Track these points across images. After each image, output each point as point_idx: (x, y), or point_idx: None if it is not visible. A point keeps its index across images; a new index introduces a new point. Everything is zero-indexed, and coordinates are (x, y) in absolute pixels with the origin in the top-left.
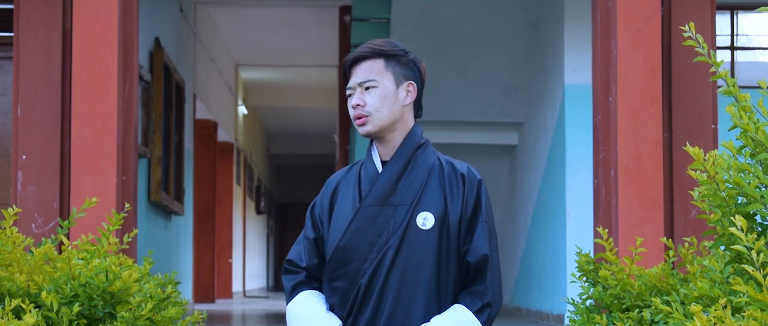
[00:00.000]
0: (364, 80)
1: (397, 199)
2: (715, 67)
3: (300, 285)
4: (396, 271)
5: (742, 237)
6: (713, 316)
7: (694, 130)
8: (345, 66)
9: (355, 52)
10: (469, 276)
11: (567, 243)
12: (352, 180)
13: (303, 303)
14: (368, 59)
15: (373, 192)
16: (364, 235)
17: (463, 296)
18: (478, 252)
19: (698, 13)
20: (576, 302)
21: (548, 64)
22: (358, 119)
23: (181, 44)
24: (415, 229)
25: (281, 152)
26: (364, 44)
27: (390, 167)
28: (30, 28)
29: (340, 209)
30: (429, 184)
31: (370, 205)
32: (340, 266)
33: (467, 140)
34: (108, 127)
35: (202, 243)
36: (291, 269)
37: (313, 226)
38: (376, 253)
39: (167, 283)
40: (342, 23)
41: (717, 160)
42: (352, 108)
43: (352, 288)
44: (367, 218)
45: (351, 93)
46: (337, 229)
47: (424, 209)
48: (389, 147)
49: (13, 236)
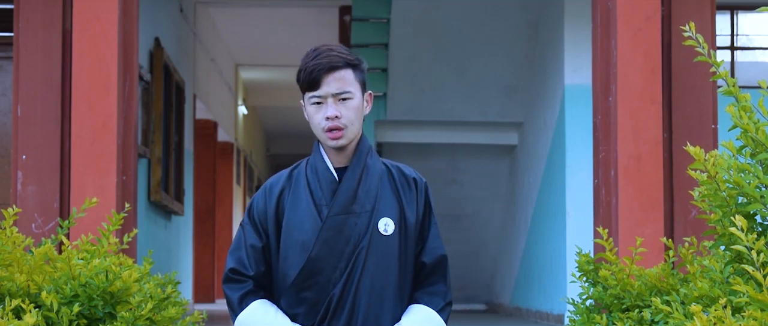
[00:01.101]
0: (340, 91)
1: (358, 207)
2: (715, 67)
3: (248, 295)
4: (365, 278)
5: (742, 237)
6: (713, 316)
7: (694, 130)
8: (313, 71)
9: (327, 61)
10: (424, 275)
11: (567, 243)
12: (301, 186)
13: (259, 313)
14: (340, 69)
15: (338, 201)
16: (333, 245)
17: (422, 295)
18: (435, 252)
19: (698, 13)
20: (576, 302)
21: (548, 64)
22: (334, 131)
23: (181, 44)
24: (377, 235)
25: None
26: (325, 51)
27: (350, 175)
28: (30, 28)
29: (293, 218)
30: (382, 190)
31: (336, 214)
32: (311, 276)
33: (467, 140)
34: (108, 127)
35: (202, 243)
36: (235, 278)
37: (257, 233)
38: (345, 262)
39: (167, 283)
40: (342, 23)
41: (717, 160)
42: (325, 119)
43: (323, 298)
44: (334, 227)
45: (319, 102)
46: (293, 238)
47: (384, 216)
48: (342, 154)
49: (13, 236)
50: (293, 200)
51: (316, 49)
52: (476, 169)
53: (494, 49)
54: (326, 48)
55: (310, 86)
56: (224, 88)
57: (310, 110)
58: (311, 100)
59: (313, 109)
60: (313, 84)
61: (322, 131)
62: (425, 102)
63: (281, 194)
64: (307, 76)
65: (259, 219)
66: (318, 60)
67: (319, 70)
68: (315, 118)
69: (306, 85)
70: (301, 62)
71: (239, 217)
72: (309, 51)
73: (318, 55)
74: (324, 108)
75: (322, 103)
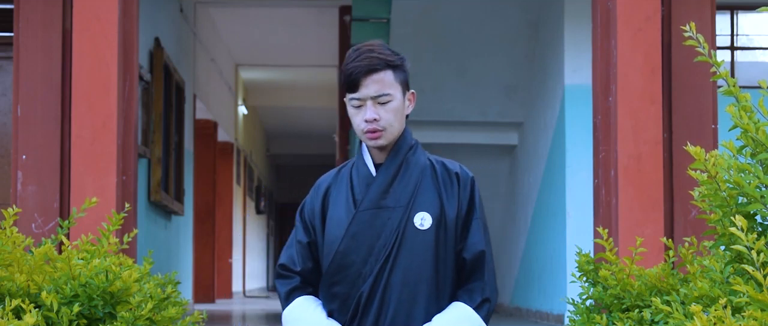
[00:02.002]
0: (378, 94)
1: (391, 201)
2: (716, 67)
3: (295, 291)
4: (397, 273)
5: (743, 237)
6: (713, 316)
7: (694, 130)
8: (352, 74)
9: (366, 63)
10: (465, 272)
11: (567, 243)
12: (344, 183)
13: (301, 308)
14: (380, 71)
15: (369, 196)
16: (362, 239)
17: (461, 293)
18: (474, 248)
19: (698, 13)
20: (576, 302)
21: (548, 64)
22: (373, 133)
23: (181, 44)
24: (413, 230)
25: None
26: (366, 52)
27: (384, 171)
28: (30, 28)
29: (334, 214)
30: (422, 185)
31: (366, 209)
32: (340, 271)
33: (467, 140)
34: (108, 127)
35: (202, 243)
36: (285, 274)
37: (305, 230)
38: (375, 257)
39: (167, 283)
40: (342, 23)
41: (717, 160)
42: (364, 121)
43: (353, 293)
44: (364, 222)
45: (359, 104)
46: (333, 234)
47: (421, 210)
48: (384, 150)
49: (13, 236)
50: (335, 196)
51: (357, 49)
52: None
53: (494, 49)
54: (367, 49)
55: (349, 87)
56: (224, 88)
57: (351, 110)
58: (351, 101)
59: (353, 110)
60: (353, 86)
61: (362, 132)
62: (425, 102)
63: (327, 191)
64: (347, 79)
65: (308, 216)
66: (357, 62)
67: (358, 73)
68: (355, 119)
69: (346, 86)
70: (344, 63)
71: (239, 217)
72: (350, 52)
73: (358, 57)
74: (363, 110)
75: (362, 105)
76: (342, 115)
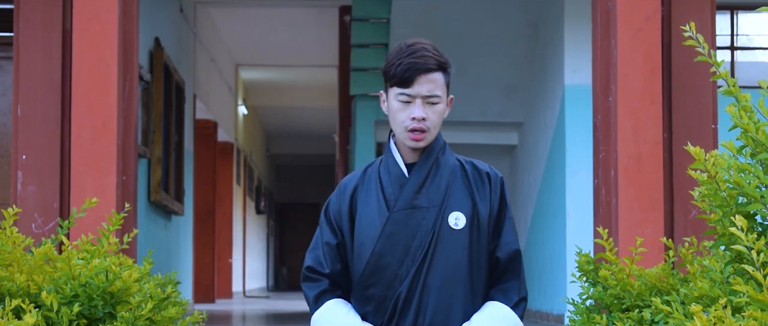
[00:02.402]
0: (430, 94)
1: (425, 201)
2: (716, 67)
3: (325, 293)
4: (434, 273)
5: (743, 237)
6: (713, 316)
7: (694, 130)
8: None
9: (423, 61)
10: (499, 271)
11: (567, 243)
12: (373, 183)
13: (332, 312)
14: (434, 71)
15: (403, 196)
16: (397, 239)
17: (495, 292)
18: (508, 247)
19: (698, 13)
20: (576, 302)
21: (548, 64)
22: (418, 133)
23: (181, 44)
24: (447, 230)
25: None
26: (421, 50)
27: (417, 171)
28: (30, 28)
29: (365, 215)
30: (454, 185)
31: (401, 209)
32: (376, 272)
33: (467, 140)
34: (108, 127)
35: (202, 243)
36: (312, 276)
37: (333, 232)
38: (412, 257)
39: (167, 283)
40: (342, 23)
41: (717, 160)
42: (411, 119)
43: (390, 294)
44: (399, 222)
45: (408, 100)
46: (365, 235)
47: (454, 210)
48: (415, 151)
49: (13, 236)
50: (365, 197)
51: (411, 45)
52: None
53: (494, 49)
54: (421, 46)
55: (401, 82)
56: (224, 88)
57: (396, 105)
58: (399, 96)
59: (399, 106)
60: (406, 81)
61: (405, 129)
62: None
63: (355, 192)
64: (401, 73)
65: (334, 217)
66: (414, 58)
67: (415, 70)
68: (400, 115)
69: (397, 80)
70: (393, 55)
71: (239, 217)
72: (402, 46)
73: (414, 53)
74: (411, 108)
75: (411, 102)
76: (342, 115)
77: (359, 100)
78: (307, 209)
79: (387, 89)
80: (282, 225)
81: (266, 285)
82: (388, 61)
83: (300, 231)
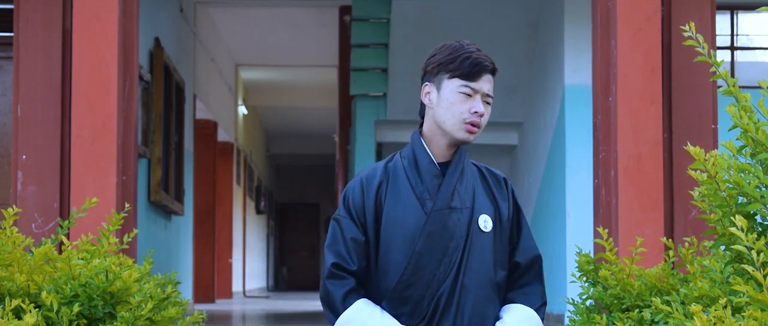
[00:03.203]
0: (489, 93)
1: (458, 202)
2: (715, 67)
3: (352, 293)
4: (470, 275)
5: (743, 237)
6: (713, 316)
7: (694, 130)
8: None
9: (489, 61)
10: (519, 275)
11: (567, 243)
12: (400, 180)
13: (365, 313)
14: (493, 74)
15: (441, 196)
16: (437, 240)
17: (517, 295)
18: (529, 252)
19: (698, 13)
20: (576, 302)
21: (548, 64)
22: (473, 126)
23: (181, 44)
24: (477, 231)
25: (281, 152)
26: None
27: (452, 171)
28: (30, 28)
29: (394, 212)
30: (477, 188)
31: (440, 209)
32: (416, 272)
33: None
34: (108, 127)
35: (202, 243)
36: (339, 274)
37: (357, 227)
38: (449, 258)
39: (167, 283)
40: (342, 23)
41: (717, 160)
42: (470, 112)
43: (427, 295)
44: (438, 221)
45: (470, 93)
46: (396, 233)
47: (482, 212)
48: (445, 148)
49: (13, 236)
50: (393, 194)
51: (468, 44)
52: None
53: (494, 49)
54: (476, 48)
55: (468, 75)
56: (224, 88)
57: (455, 97)
58: (463, 88)
59: (460, 98)
60: (473, 75)
61: (463, 122)
62: None
63: (379, 188)
64: (470, 66)
65: (356, 213)
66: (480, 56)
67: (483, 67)
68: (459, 106)
69: (462, 73)
70: (451, 50)
71: (239, 217)
72: (460, 43)
73: (476, 51)
74: (472, 102)
75: (472, 96)
76: (342, 115)
77: (359, 100)
78: (307, 209)
79: (439, 80)
80: (282, 225)
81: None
82: (443, 55)
83: (300, 231)
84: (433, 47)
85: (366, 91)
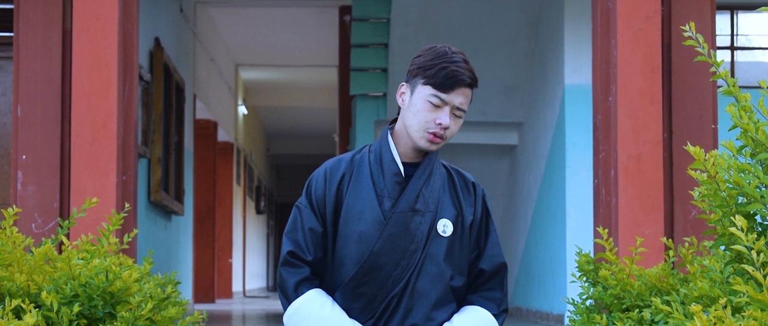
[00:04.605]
0: (461, 107)
1: (422, 205)
2: (716, 67)
3: (304, 282)
4: (424, 277)
5: (743, 237)
6: (713, 316)
7: (694, 130)
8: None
9: (468, 75)
10: (481, 281)
11: (567, 243)
12: (364, 175)
13: (316, 303)
14: (470, 88)
15: (406, 197)
16: (397, 241)
17: (477, 299)
18: (494, 260)
19: (698, 13)
20: (576, 302)
21: (548, 64)
22: (436, 137)
23: (181, 44)
24: (436, 236)
25: (281, 152)
26: (463, 62)
27: (420, 174)
28: (30, 28)
29: (354, 206)
30: (443, 192)
31: (403, 211)
32: (371, 271)
33: (467, 140)
34: (108, 127)
35: (202, 243)
36: (294, 262)
37: (316, 217)
38: (407, 260)
39: (167, 283)
40: (342, 23)
41: (717, 160)
42: (436, 123)
43: (381, 294)
44: (399, 224)
45: (440, 104)
46: (352, 227)
47: (443, 217)
48: (413, 151)
49: (13, 236)
50: (354, 187)
51: (454, 52)
52: (476, 169)
53: (494, 49)
54: (462, 58)
55: (441, 85)
56: (224, 88)
57: (423, 105)
58: (432, 98)
59: (428, 106)
60: (446, 87)
61: (426, 131)
62: None
63: (342, 180)
64: (445, 78)
65: (317, 203)
66: (458, 68)
67: (458, 79)
68: (426, 115)
69: (436, 82)
70: (432, 55)
71: (239, 217)
72: (444, 49)
73: (457, 62)
74: (440, 113)
75: (441, 107)
76: (342, 115)
77: (359, 100)
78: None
79: (414, 84)
80: (282, 225)
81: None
82: (425, 59)
83: None
84: (424, 47)
85: (366, 91)
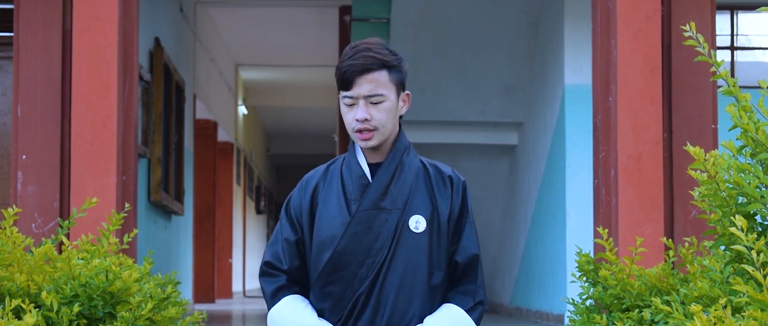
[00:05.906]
0: (371, 94)
1: (389, 203)
2: (716, 67)
3: (282, 289)
4: (393, 275)
5: (742, 237)
6: (713, 316)
7: (694, 130)
8: (346, 72)
9: (361, 62)
10: (457, 275)
11: (567, 243)
12: (334, 182)
13: (289, 308)
14: (374, 71)
15: (367, 197)
16: (360, 240)
17: (454, 295)
18: (468, 251)
19: (698, 13)
20: (576, 302)
21: (548, 64)
22: (364, 133)
23: (181, 44)
24: (408, 232)
25: (281, 152)
26: (363, 50)
27: (382, 173)
28: (30, 28)
29: (325, 213)
30: (416, 187)
31: (365, 210)
32: (336, 271)
33: (467, 140)
34: (108, 127)
35: (202, 243)
36: (270, 272)
37: (292, 227)
38: (373, 258)
39: (167, 283)
40: (342, 23)
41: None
42: (355, 120)
43: (348, 293)
44: (362, 222)
45: (352, 103)
46: (325, 232)
47: (415, 213)
48: (377, 151)
49: (13, 236)
50: (326, 195)
51: (354, 46)
52: (476, 169)
53: (494, 49)
54: (364, 47)
55: (343, 85)
56: (224, 88)
57: (343, 109)
58: (344, 99)
59: (345, 109)
60: (346, 84)
61: (353, 131)
62: (425, 102)
63: (316, 189)
64: (341, 76)
65: (294, 213)
66: (353, 61)
67: (353, 72)
68: (346, 117)
69: (339, 84)
70: (340, 59)
71: (239, 217)
72: (348, 49)
73: (354, 55)
74: (355, 109)
75: (354, 103)
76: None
77: None
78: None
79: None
80: None
81: None
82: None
83: None
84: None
85: None
